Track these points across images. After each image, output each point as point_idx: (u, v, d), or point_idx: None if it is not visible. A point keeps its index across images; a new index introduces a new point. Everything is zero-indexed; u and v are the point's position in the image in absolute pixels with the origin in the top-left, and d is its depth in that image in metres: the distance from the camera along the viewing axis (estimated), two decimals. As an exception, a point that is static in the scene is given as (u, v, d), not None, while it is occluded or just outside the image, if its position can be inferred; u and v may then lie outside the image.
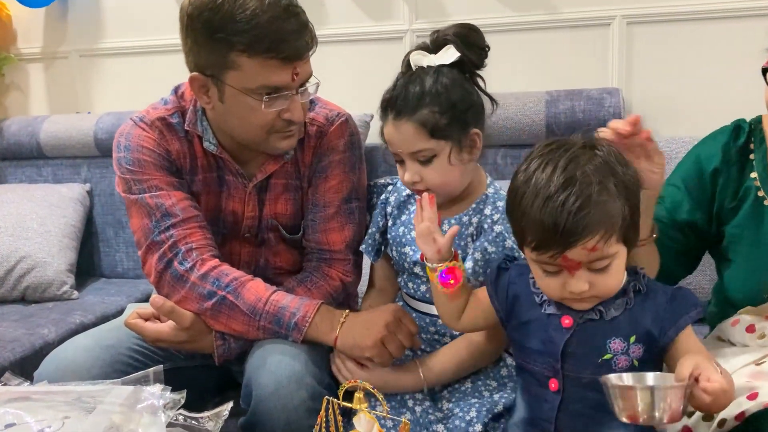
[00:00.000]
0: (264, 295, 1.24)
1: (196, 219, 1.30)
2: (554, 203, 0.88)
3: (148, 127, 1.31)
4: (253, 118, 1.22)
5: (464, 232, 1.27)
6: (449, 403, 1.25)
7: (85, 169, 2.31)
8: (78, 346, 1.26)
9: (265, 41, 1.15)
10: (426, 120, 1.18)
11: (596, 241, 0.88)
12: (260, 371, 1.18)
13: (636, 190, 0.93)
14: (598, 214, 0.88)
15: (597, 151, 0.92)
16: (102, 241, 2.29)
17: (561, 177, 0.89)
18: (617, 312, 0.96)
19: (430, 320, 1.31)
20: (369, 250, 1.39)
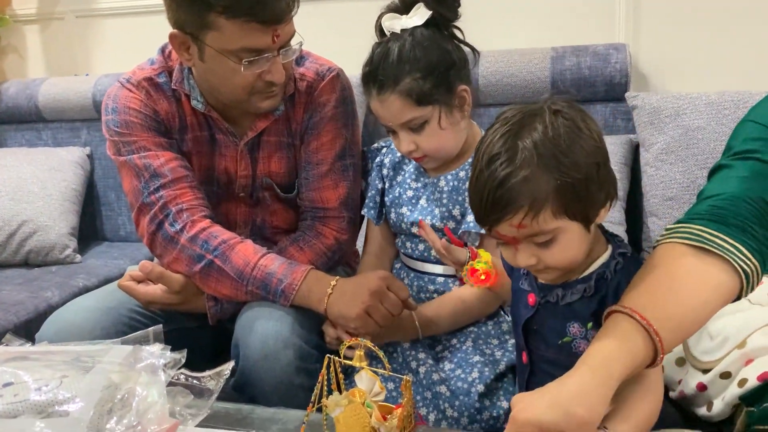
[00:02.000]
0: (252, 260, 1.23)
1: (187, 179, 1.28)
2: (482, 177, 0.85)
3: (134, 88, 1.30)
4: (233, 80, 1.20)
5: (462, 187, 1.25)
6: (451, 364, 1.25)
7: (85, 132, 2.29)
8: (79, 308, 1.26)
9: (244, 4, 1.11)
10: (410, 89, 1.15)
11: (521, 219, 0.83)
12: (248, 333, 1.18)
13: (583, 164, 0.83)
14: (519, 191, 0.82)
15: (549, 117, 0.84)
16: (104, 205, 2.29)
17: (497, 147, 0.84)
18: (573, 298, 0.92)
19: (428, 279, 1.30)
20: (372, 213, 1.37)
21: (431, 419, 1.20)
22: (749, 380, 0.95)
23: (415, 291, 1.32)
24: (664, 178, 1.68)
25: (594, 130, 0.86)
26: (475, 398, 1.19)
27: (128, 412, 0.70)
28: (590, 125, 0.86)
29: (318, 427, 0.98)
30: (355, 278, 1.23)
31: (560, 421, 0.73)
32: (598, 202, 0.87)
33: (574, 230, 0.87)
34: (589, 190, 0.85)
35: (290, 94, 1.32)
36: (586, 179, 0.84)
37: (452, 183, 1.26)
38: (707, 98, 1.70)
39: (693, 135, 1.67)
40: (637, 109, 1.78)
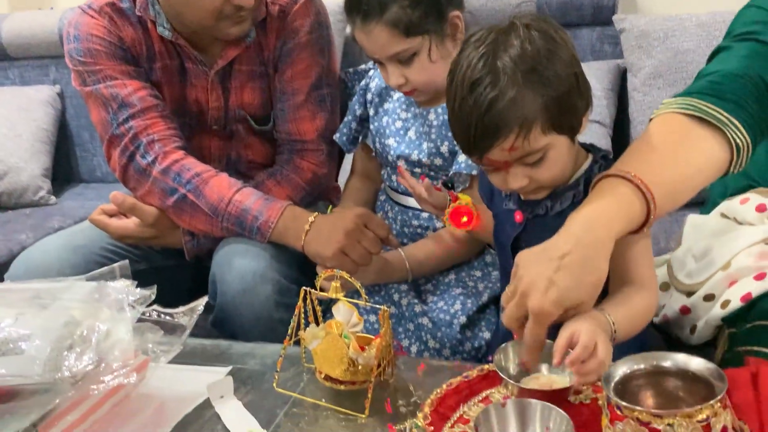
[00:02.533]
0: (227, 195, 1.19)
1: (157, 108, 1.23)
2: (466, 105, 0.82)
3: (96, 14, 1.23)
4: (200, 3, 1.13)
5: None
6: (434, 296, 1.24)
7: (54, 69, 2.22)
8: (49, 247, 1.23)
9: None
10: (397, 19, 1.08)
11: (512, 142, 0.82)
12: (225, 269, 1.16)
13: (563, 76, 0.82)
14: (507, 114, 0.80)
15: (522, 32, 0.82)
16: (78, 145, 2.23)
17: (477, 71, 0.81)
18: (563, 206, 0.90)
19: (413, 214, 1.27)
20: (343, 139, 1.33)
21: (413, 351, 1.19)
22: (732, 301, 0.94)
23: (398, 225, 1.28)
24: (652, 104, 1.64)
25: (567, 40, 0.85)
26: (457, 330, 1.17)
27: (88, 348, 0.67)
28: (562, 35, 0.85)
29: (296, 359, 0.96)
30: (332, 215, 1.19)
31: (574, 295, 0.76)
32: (581, 110, 0.87)
33: (562, 143, 0.86)
34: (572, 101, 0.84)
35: (262, 20, 1.25)
36: (569, 90, 0.83)
37: (442, 117, 1.20)
38: (697, 19, 1.66)
39: (682, 58, 1.62)
40: (624, 33, 1.73)
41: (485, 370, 0.89)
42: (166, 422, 0.83)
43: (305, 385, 0.92)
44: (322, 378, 0.89)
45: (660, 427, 0.65)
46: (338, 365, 0.86)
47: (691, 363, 0.71)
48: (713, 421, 0.65)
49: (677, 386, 0.72)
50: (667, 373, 0.72)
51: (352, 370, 0.86)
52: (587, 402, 0.83)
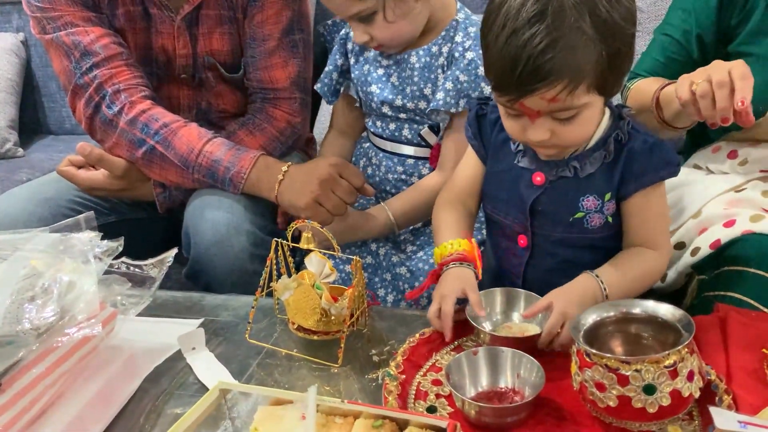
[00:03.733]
0: (197, 146, 1.16)
1: (121, 57, 1.19)
2: (517, 40, 0.74)
3: None
4: None
5: (434, 63, 1.17)
6: (413, 246, 1.23)
7: (16, 16, 2.13)
8: (14, 199, 1.19)
9: None
10: None
11: (557, 92, 0.76)
12: (199, 220, 1.13)
13: (623, 30, 0.77)
14: (563, 61, 0.74)
15: None
16: (45, 96, 2.16)
17: (533, 7, 0.74)
18: (593, 167, 0.87)
19: (398, 160, 1.25)
20: (325, 90, 1.30)
21: (389, 300, 1.19)
22: (702, 248, 0.95)
23: (383, 172, 1.27)
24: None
25: (616, 18, 0.77)
26: (435, 279, 1.17)
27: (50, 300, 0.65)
28: (624, 4, 0.78)
29: (269, 311, 0.96)
30: (306, 165, 1.17)
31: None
32: (625, 73, 0.83)
33: (598, 105, 0.83)
34: (624, 62, 0.80)
35: None
36: (626, 49, 0.79)
37: (424, 59, 1.18)
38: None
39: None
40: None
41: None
42: (136, 374, 0.82)
43: (278, 336, 0.92)
44: (294, 329, 0.89)
45: (628, 374, 0.66)
46: (311, 316, 0.86)
47: (659, 309, 0.71)
48: (680, 366, 0.66)
49: (646, 333, 0.73)
50: (636, 320, 0.73)
51: (325, 320, 0.86)
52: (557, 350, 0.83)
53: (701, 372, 0.69)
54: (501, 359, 0.78)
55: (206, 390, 0.80)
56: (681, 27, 1.11)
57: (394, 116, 1.23)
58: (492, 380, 0.77)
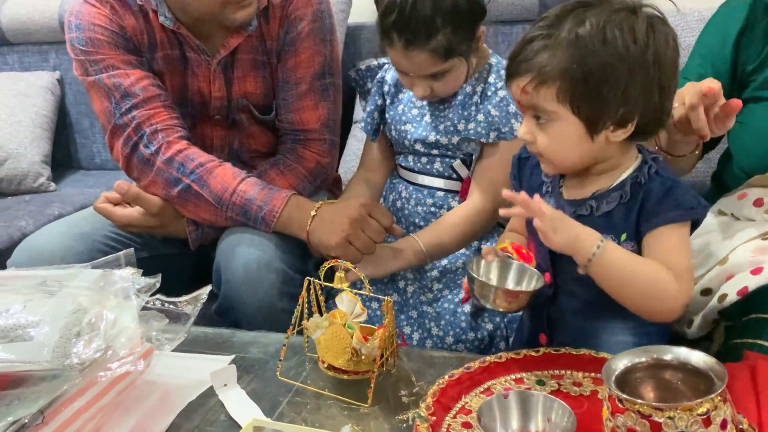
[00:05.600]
0: (231, 185, 1.19)
1: (159, 98, 1.23)
2: (528, 32, 0.87)
3: (98, 3, 1.23)
4: None
5: (468, 101, 1.23)
6: (439, 284, 1.25)
7: (54, 55, 2.20)
8: (51, 234, 1.23)
9: None
10: (440, 45, 1.11)
11: (525, 82, 0.85)
12: (229, 258, 1.16)
13: (614, 62, 0.81)
14: (536, 56, 0.84)
15: (624, 13, 0.82)
16: (78, 132, 2.22)
17: (556, 11, 0.86)
18: (609, 207, 0.89)
19: (428, 192, 1.28)
20: (368, 129, 1.35)
21: (415, 338, 1.20)
22: (729, 295, 0.95)
23: (412, 204, 1.29)
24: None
25: (648, 43, 0.82)
26: (461, 318, 1.19)
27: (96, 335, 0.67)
28: (652, 39, 0.83)
29: (298, 349, 0.97)
30: (336, 204, 1.19)
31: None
32: (610, 111, 0.84)
33: (571, 125, 0.86)
34: (600, 91, 0.83)
35: (264, 8, 1.25)
36: (604, 81, 0.82)
37: (459, 98, 1.23)
38: (699, 14, 1.66)
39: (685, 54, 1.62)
40: (627, 27, 1.73)
41: (487, 361, 0.89)
42: (170, 409, 0.84)
43: (308, 374, 0.93)
44: (324, 367, 0.90)
45: (661, 420, 0.66)
46: (341, 355, 0.87)
47: (691, 356, 0.71)
48: (713, 414, 0.66)
49: (677, 379, 0.72)
50: (667, 366, 0.73)
51: (355, 359, 0.87)
52: (587, 394, 0.84)
53: (734, 421, 0.69)
54: (532, 402, 0.78)
55: (237, 427, 0.81)
56: (698, 72, 1.14)
57: (426, 152, 1.26)
58: (523, 423, 0.78)
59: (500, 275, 0.94)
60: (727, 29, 1.13)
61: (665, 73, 0.85)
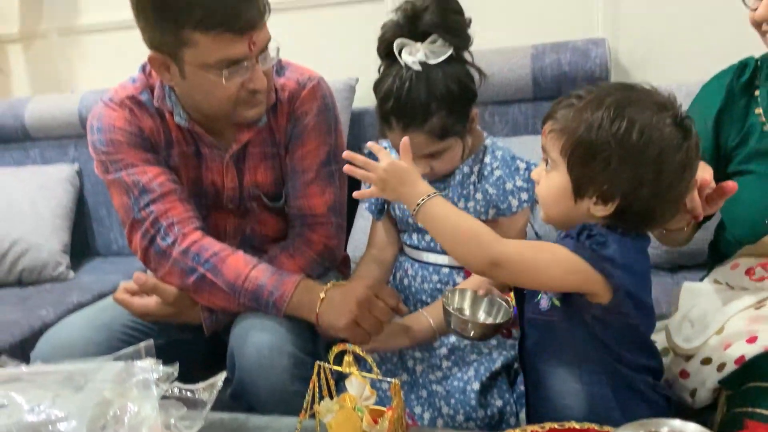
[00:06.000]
0: (243, 272, 1.23)
1: (176, 192, 1.29)
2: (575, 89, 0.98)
3: (118, 107, 1.30)
4: (216, 92, 1.20)
5: (466, 180, 1.29)
6: (448, 362, 1.27)
7: (73, 148, 2.30)
8: (72, 326, 1.27)
9: (216, 16, 1.11)
10: (436, 126, 1.18)
11: (546, 126, 0.97)
12: (242, 342, 1.19)
13: (614, 152, 0.88)
14: (561, 109, 0.95)
15: (652, 108, 0.90)
16: (95, 220, 2.29)
17: (601, 86, 0.95)
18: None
19: (433, 269, 1.32)
20: (372, 209, 1.40)
21: (426, 417, 1.22)
22: (727, 364, 0.97)
23: (419, 282, 1.33)
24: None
25: (654, 142, 0.88)
26: (471, 396, 1.20)
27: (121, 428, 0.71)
28: (662, 140, 0.88)
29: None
30: (343, 287, 1.23)
31: None
32: (594, 182, 0.91)
33: (563, 179, 0.93)
34: (591, 161, 0.90)
35: (272, 105, 1.33)
36: (596, 151, 0.89)
37: (458, 177, 1.29)
38: (687, 89, 1.69)
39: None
40: (617, 102, 1.80)
41: (494, 438, 0.92)
42: (189, 496, 0.86)
43: (321, 457, 0.95)
44: (337, 450, 0.92)
45: (659, 492, 0.68)
46: (353, 437, 0.90)
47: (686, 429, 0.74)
48: (709, 486, 0.68)
49: (674, 453, 0.75)
50: (663, 439, 0.75)
51: (366, 441, 0.90)
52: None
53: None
54: None
55: None
56: None
57: None
58: None
59: (473, 306, 1.12)
60: (708, 109, 1.21)
61: (664, 176, 0.89)
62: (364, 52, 1.24)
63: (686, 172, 0.91)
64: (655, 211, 0.92)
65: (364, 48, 1.23)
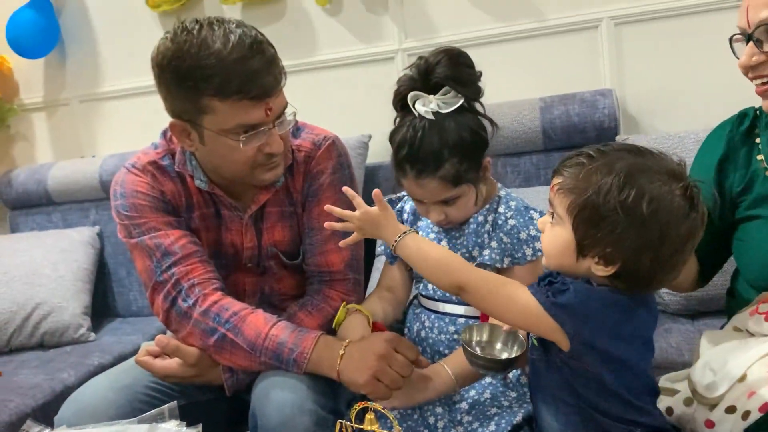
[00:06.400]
0: (263, 330, 1.25)
1: (196, 254, 1.32)
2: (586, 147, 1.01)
3: (140, 172, 1.34)
4: (234, 157, 1.24)
5: (481, 229, 1.30)
6: (469, 416, 1.26)
7: (94, 212, 2.35)
8: (95, 389, 1.27)
9: (233, 83, 1.15)
10: (449, 173, 1.21)
11: (554, 182, 1.00)
12: (264, 402, 1.19)
13: (620, 219, 0.91)
14: (571, 167, 0.97)
15: (662, 176, 0.91)
16: (115, 282, 2.32)
17: (613, 146, 0.98)
18: None
19: (449, 320, 1.32)
20: (387, 251, 1.42)
21: (448, 474, 1.20)
22: (752, 412, 0.96)
23: (435, 333, 1.33)
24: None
25: (660, 213, 0.90)
26: (491, 451, 1.19)
27: (147, 491, 0.72)
28: (668, 211, 0.90)
29: (335, 491, 0.99)
30: (362, 342, 1.23)
31: None
32: (598, 244, 0.93)
33: (568, 235, 0.95)
34: (597, 224, 0.92)
35: (289, 165, 1.36)
36: (602, 216, 0.91)
37: (473, 226, 1.31)
38: (696, 136, 1.73)
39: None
40: (628, 152, 1.82)
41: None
42: None
43: None
44: None
45: None
46: (376, 496, 0.89)
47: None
48: None
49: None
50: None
51: (390, 500, 0.89)
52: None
53: None
54: None
55: None
56: None
57: None
58: None
59: (490, 338, 1.14)
60: (710, 158, 1.24)
61: (667, 245, 0.91)
62: (376, 109, 1.27)
63: (689, 242, 0.93)
64: (655, 276, 0.94)
65: (376, 105, 1.28)
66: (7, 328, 2.04)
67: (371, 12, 2.19)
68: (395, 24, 2.17)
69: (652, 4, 1.98)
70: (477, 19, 2.11)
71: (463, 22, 2.11)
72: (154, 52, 1.21)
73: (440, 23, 2.14)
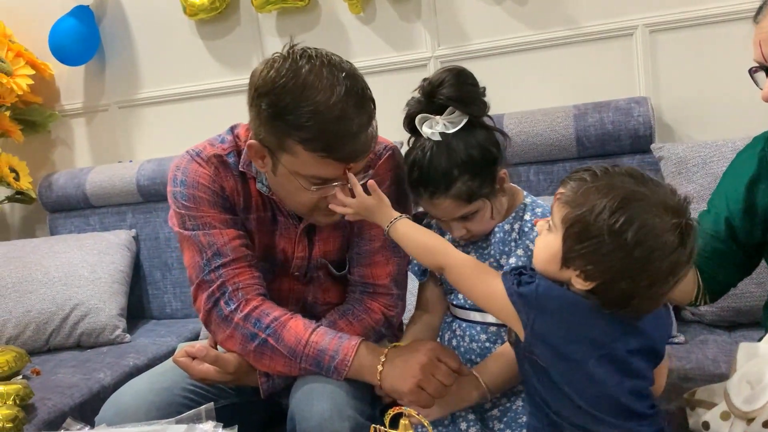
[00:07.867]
0: (303, 337, 1.25)
1: (246, 258, 1.31)
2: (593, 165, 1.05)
3: (204, 163, 1.32)
4: (299, 197, 1.23)
5: (507, 238, 1.30)
6: (501, 424, 1.26)
7: (130, 215, 2.39)
8: (134, 391, 1.29)
9: (323, 141, 1.14)
10: (461, 191, 1.22)
11: (558, 191, 1.04)
12: (303, 406, 1.20)
13: (605, 242, 0.93)
14: (573, 182, 1.00)
15: (657, 208, 0.93)
16: (150, 284, 2.36)
17: (619, 169, 1.00)
18: None
19: (481, 328, 1.32)
20: (416, 270, 1.41)
21: (480, 480, 1.20)
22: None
23: (467, 341, 1.33)
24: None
25: (645, 244, 0.92)
26: (524, 458, 1.19)
27: (187, 490, 0.73)
28: (655, 243, 0.92)
29: (369, 496, 0.99)
30: (405, 350, 1.23)
31: None
32: (580, 260, 0.96)
33: (556, 244, 0.98)
34: (582, 242, 0.95)
35: None
36: (589, 236, 0.94)
37: (499, 235, 1.31)
38: (733, 145, 1.71)
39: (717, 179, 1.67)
40: (663, 160, 1.81)
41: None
42: None
43: None
44: None
45: None
46: (410, 501, 0.90)
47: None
48: None
49: None
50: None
51: (423, 506, 0.90)
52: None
53: None
54: None
55: None
56: (715, 210, 1.27)
57: None
58: None
59: None
60: (741, 176, 1.24)
61: (645, 276, 0.93)
62: (410, 116, 1.28)
63: (671, 276, 0.95)
64: (630, 301, 0.96)
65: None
66: (46, 328, 2.10)
67: (404, 20, 2.20)
68: (428, 32, 2.18)
69: (687, 11, 1.96)
70: (510, 26, 2.11)
71: (496, 30, 2.11)
72: (256, 72, 1.19)
73: (473, 31, 2.14)
